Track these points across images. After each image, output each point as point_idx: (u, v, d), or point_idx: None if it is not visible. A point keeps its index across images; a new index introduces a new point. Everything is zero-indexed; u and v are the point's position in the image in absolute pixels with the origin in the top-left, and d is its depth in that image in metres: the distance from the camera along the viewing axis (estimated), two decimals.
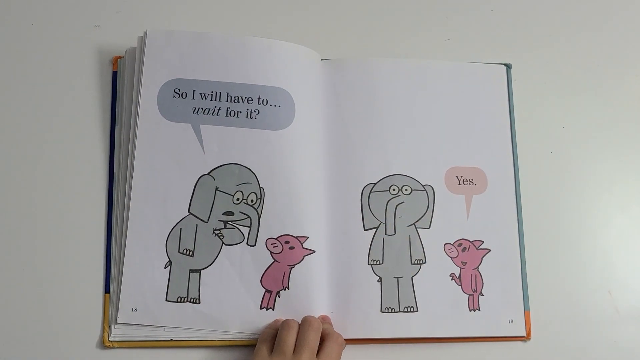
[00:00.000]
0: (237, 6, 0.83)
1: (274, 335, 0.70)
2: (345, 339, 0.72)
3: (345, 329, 0.73)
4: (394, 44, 0.83)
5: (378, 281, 0.75)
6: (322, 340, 0.70)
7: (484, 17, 0.85)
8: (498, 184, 0.78)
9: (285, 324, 0.70)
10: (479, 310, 0.75)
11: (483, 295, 0.75)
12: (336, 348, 0.69)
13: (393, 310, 0.74)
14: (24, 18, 0.80)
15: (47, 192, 0.75)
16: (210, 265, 0.73)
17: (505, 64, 0.82)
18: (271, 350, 0.68)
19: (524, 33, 0.84)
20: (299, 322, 0.71)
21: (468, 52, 0.83)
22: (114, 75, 0.79)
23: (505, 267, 0.76)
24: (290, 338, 0.68)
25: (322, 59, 0.80)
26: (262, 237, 0.73)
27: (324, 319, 0.73)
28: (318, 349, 0.69)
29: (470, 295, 0.75)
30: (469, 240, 0.77)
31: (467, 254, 0.76)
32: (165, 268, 0.73)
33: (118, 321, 0.71)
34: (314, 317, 0.71)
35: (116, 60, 0.79)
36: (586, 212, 0.79)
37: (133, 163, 0.74)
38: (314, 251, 0.74)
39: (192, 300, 0.72)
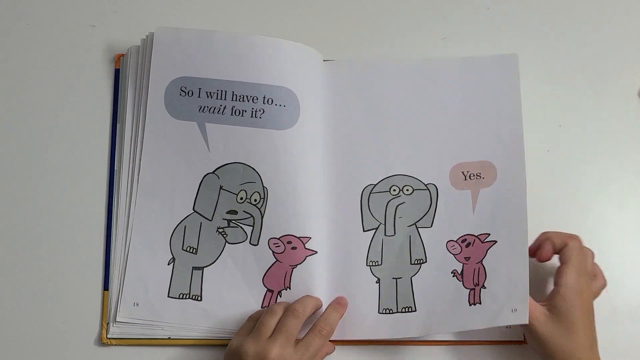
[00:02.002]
0: (235, 5, 0.82)
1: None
2: (343, 340, 0.72)
3: (343, 329, 0.73)
4: (392, 43, 0.83)
5: (376, 282, 0.74)
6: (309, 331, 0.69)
7: (480, 16, 0.84)
8: (508, 175, 0.76)
9: (270, 308, 0.69)
10: (480, 303, 0.73)
11: (485, 287, 0.73)
12: (317, 340, 0.68)
13: (391, 311, 0.74)
14: (19, 18, 0.79)
15: (47, 190, 0.75)
16: (213, 263, 0.73)
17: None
18: (247, 332, 0.68)
19: (521, 32, 0.84)
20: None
21: (465, 50, 0.82)
22: (116, 73, 0.78)
23: (511, 258, 0.74)
24: (271, 322, 0.67)
25: (324, 60, 0.79)
26: (265, 236, 0.73)
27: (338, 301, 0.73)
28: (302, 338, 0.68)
29: (471, 289, 0.74)
30: (473, 235, 0.75)
31: (471, 249, 0.75)
32: (168, 264, 0.73)
33: (119, 315, 0.71)
34: (301, 304, 0.70)
35: (119, 58, 0.78)
36: (583, 211, 0.79)
37: (140, 159, 0.74)
38: (316, 252, 0.73)
39: (193, 297, 0.72)
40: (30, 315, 0.72)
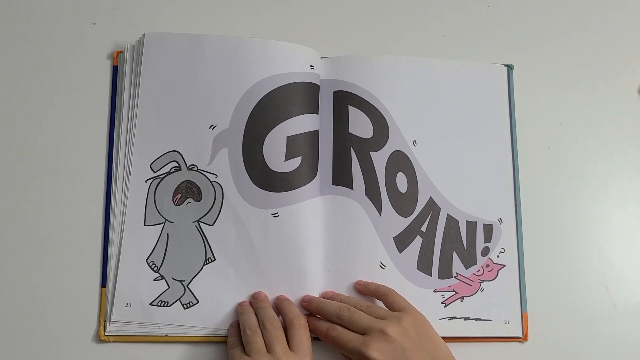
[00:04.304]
0: (234, 3, 0.82)
1: (241, 340, 0.68)
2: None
3: None
4: (393, 40, 0.82)
5: None
6: (286, 327, 0.68)
7: (480, 13, 0.84)
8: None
9: (248, 328, 0.68)
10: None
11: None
12: (303, 334, 0.67)
13: None
14: (19, 15, 0.79)
15: (45, 186, 0.74)
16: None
17: (506, 65, 0.81)
18: (244, 353, 0.67)
19: (521, 30, 0.84)
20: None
21: (465, 48, 0.82)
22: (114, 69, 0.78)
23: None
24: (259, 339, 0.66)
25: (322, 57, 0.78)
26: None
27: (280, 299, 0.72)
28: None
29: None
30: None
31: None
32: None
33: (113, 316, 0.70)
34: (270, 313, 0.69)
35: (117, 55, 0.78)
36: (583, 208, 0.79)
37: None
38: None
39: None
40: (27, 311, 0.71)
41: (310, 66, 0.77)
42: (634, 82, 0.83)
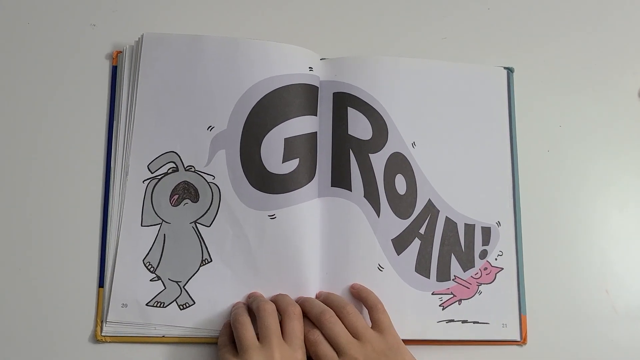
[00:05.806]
0: (233, 5, 0.82)
1: (231, 339, 0.68)
2: None
3: None
4: (393, 42, 0.82)
5: None
6: (280, 315, 0.68)
7: (481, 15, 0.84)
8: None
9: (237, 321, 0.67)
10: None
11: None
12: (297, 325, 0.67)
13: None
14: (19, 17, 0.79)
15: (43, 186, 0.74)
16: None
17: (506, 68, 0.81)
18: (234, 352, 0.66)
19: (521, 32, 0.84)
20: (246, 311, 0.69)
21: (465, 50, 0.82)
22: (114, 70, 0.77)
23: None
24: (249, 332, 0.66)
25: (321, 59, 0.78)
26: None
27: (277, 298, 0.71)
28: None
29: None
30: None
31: None
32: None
33: (109, 316, 0.70)
34: (264, 301, 0.68)
35: (116, 55, 0.78)
36: (583, 211, 0.79)
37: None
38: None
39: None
40: (24, 311, 0.71)
41: (310, 68, 0.77)
42: (634, 85, 0.83)
